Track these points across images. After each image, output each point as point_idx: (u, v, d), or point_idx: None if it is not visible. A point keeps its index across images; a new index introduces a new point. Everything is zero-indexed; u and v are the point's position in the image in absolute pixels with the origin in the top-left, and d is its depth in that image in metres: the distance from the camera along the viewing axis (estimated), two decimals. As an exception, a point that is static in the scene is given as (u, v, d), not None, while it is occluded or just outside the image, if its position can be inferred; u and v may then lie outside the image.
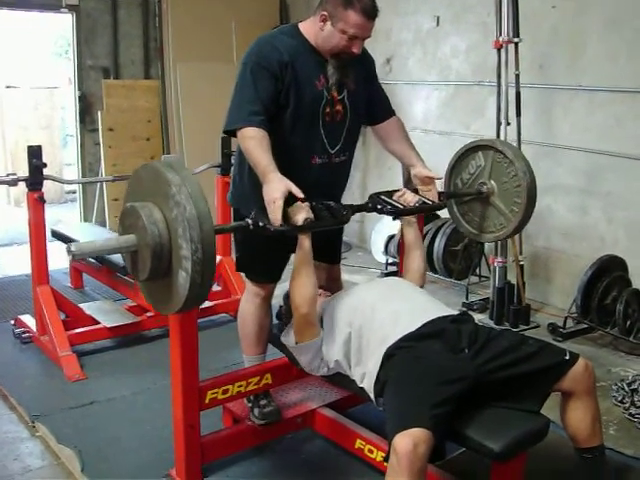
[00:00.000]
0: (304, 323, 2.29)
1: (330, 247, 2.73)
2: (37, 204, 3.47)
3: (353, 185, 5.47)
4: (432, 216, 4.75)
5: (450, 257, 4.68)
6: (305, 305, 2.25)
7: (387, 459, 1.86)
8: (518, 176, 2.64)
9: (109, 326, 3.69)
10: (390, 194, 2.54)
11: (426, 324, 2.17)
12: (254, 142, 2.25)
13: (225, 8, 6.03)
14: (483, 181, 2.76)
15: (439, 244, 4.65)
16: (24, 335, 3.75)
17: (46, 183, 3.50)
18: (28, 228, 3.56)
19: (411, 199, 2.50)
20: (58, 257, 4.47)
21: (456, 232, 4.45)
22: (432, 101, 5.25)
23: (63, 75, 8.69)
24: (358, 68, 2.47)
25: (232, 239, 2.77)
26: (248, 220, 2.13)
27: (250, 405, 2.67)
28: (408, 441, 1.79)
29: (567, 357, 2.11)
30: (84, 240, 4.17)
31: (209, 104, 5.58)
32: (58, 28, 8.45)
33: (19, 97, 7.90)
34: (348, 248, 5.61)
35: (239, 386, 2.52)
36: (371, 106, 2.59)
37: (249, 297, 2.64)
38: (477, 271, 4.66)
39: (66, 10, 5.59)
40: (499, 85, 3.98)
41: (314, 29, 2.37)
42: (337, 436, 2.66)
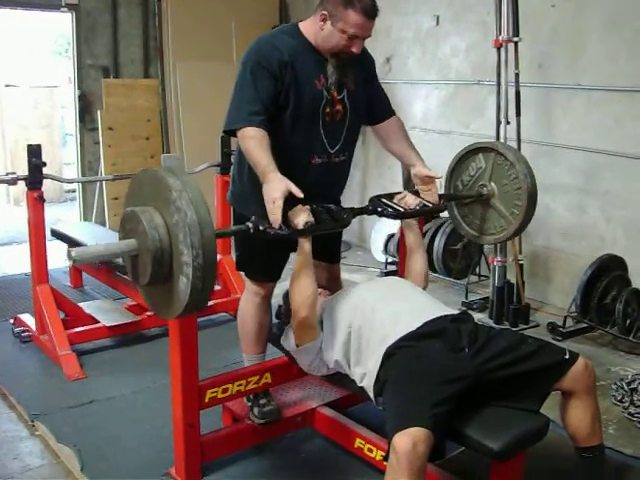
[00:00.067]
0: (304, 326, 2.28)
1: (330, 246, 2.73)
2: (37, 203, 3.46)
3: (353, 184, 5.45)
4: (432, 215, 4.75)
5: (450, 256, 4.68)
6: (305, 308, 2.24)
7: (387, 458, 1.86)
8: (519, 179, 2.64)
9: (109, 325, 3.69)
10: (391, 197, 2.53)
11: (426, 323, 2.17)
12: (254, 142, 2.24)
13: (225, 7, 6.03)
14: (483, 183, 2.75)
15: (439, 243, 4.65)
16: (24, 334, 3.75)
17: (46, 182, 3.50)
18: (28, 227, 3.55)
19: (412, 202, 2.49)
20: (58, 256, 4.47)
21: (456, 231, 4.43)
22: (432, 100, 5.25)
23: (63, 74, 8.68)
24: (358, 68, 2.47)
25: (232, 238, 2.76)
26: (249, 224, 2.12)
27: (250, 404, 2.67)
28: (407, 440, 1.80)
29: (567, 356, 2.11)
30: (84, 239, 4.25)
31: (209, 103, 5.57)
32: (58, 27, 8.44)
33: (19, 96, 7.91)
34: (348, 247, 5.61)
35: (239, 385, 2.52)
36: (371, 106, 2.59)
37: (249, 296, 2.64)
38: (477, 270, 4.67)
39: (66, 9, 5.59)
40: (499, 84, 3.98)
41: (314, 28, 2.36)
42: (337, 435, 2.66)
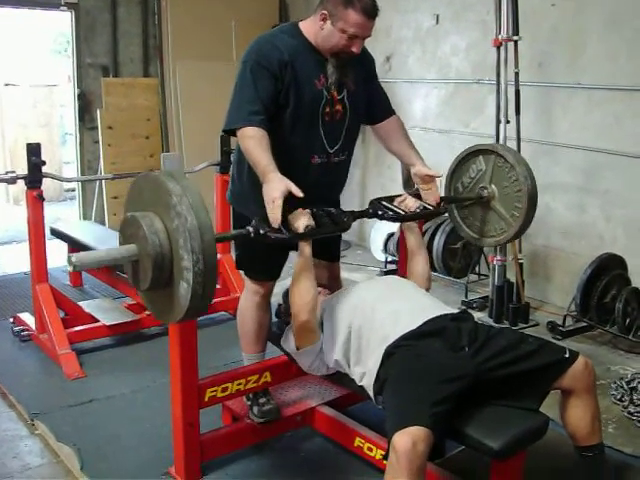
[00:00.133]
0: (304, 330, 2.28)
1: (329, 245, 2.72)
2: (36, 202, 3.46)
3: (352, 183, 5.45)
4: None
5: (449, 255, 4.68)
6: (305, 313, 2.24)
7: (386, 457, 1.86)
8: (519, 181, 2.64)
9: (108, 324, 3.69)
10: (391, 199, 2.53)
11: (426, 322, 2.17)
12: (254, 142, 2.24)
13: (224, 6, 6.02)
14: (484, 185, 2.75)
15: (438, 242, 4.65)
16: (23, 333, 3.75)
17: (45, 181, 3.50)
18: (27, 226, 3.55)
19: (412, 204, 2.49)
20: (57, 255, 4.46)
21: (455, 230, 4.42)
22: (431, 99, 5.24)
23: (62, 73, 8.67)
24: (358, 68, 2.46)
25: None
26: (249, 228, 2.12)
27: (249, 403, 2.67)
28: (407, 439, 1.80)
29: (567, 355, 2.11)
30: (83, 238, 4.26)
31: (208, 102, 5.57)
32: (57, 26, 8.43)
33: (18, 95, 7.90)
34: (347, 246, 5.61)
35: (238, 384, 2.52)
36: (371, 105, 2.58)
37: (248, 295, 2.64)
38: (476, 269, 4.66)
39: (65, 8, 5.58)
40: (498, 83, 3.97)
41: (314, 28, 2.36)
42: (336, 434, 2.66)
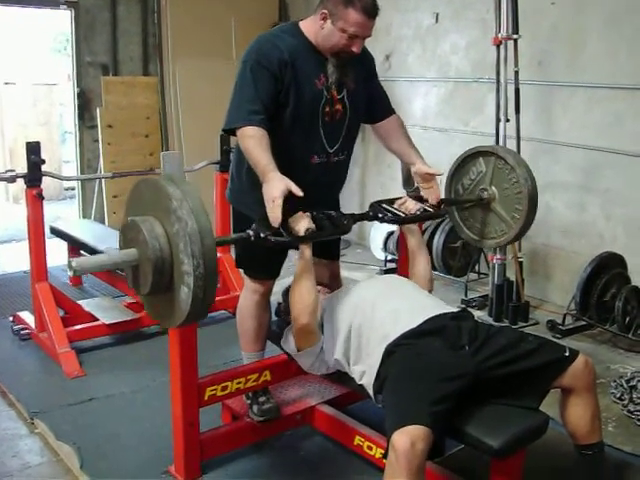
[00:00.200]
0: (305, 332, 2.28)
1: (329, 244, 2.71)
2: (36, 201, 3.46)
3: (352, 182, 5.45)
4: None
5: (449, 254, 4.68)
6: (305, 315, 2.24)
7: (386, 456, 1.86)
8: (519, 183, 2.63)
9: (108, 323, 3.69)
10: (391, 202, 2.54)
11: (426, 321, 2.17)
12: (254, 141, 2.23)
13: (224, 5, 6.01)
14: (484, 187, 2.75)
15: (438, 241, 4.65)
16: (23, 332, 3.75)
17: (45, 180, 3.50)
18: (27, 225, 3.55)
19: (412, 207, 2.49)
20: (57, 254, 4.46)
21: (455, 229, 4.44)
22: (431, 98, 5.24)
23: (62, 72, 8.66)
24: (358, 67, 2.46)
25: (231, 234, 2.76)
26: (249, 232, 2.12)
27: (249, 402, 2.67)
28: (406, 439, 1.79)
29: (567, 354, 2.11)
30: (83, 237, 4.26)
31: (208, 101, 5.56)
32: (57, 24, 8.42)
33: (18, 94, 7.90)
34: (347, 245, 5.61)
35: (238, 383, 2.52)
36: (371, 105, 2.58)
37: (248, 294, 2.63)
38: (476, 268, 4.66)
39: (65, 6, 5.57)
40: (498, 82, 3.97)
41: (314, 27, 2.35)
42: (336, 433, 2.66)
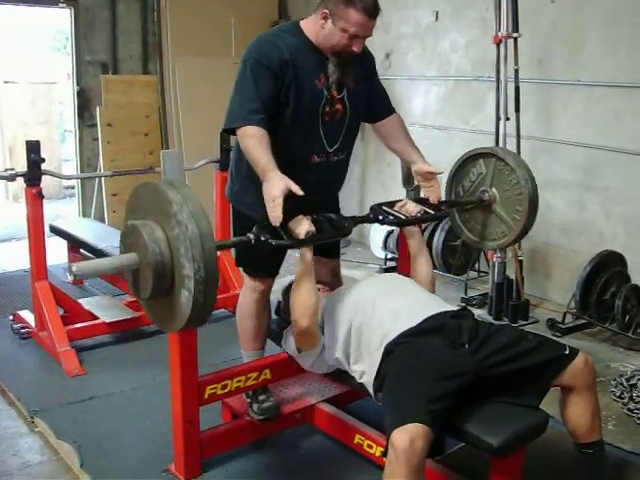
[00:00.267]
0: (305, 335, 2.29)
1: (329, 242, 2.72)
2: (35, 199, 3.45)
3: (352, 180, 5.44)
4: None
5: (449, 252, 4.68)
6: (306, 319, 2.24)
7: (385, 454, 1.86)
8: (520, 184, 2.63)
9: (108, 321, 3.69)
10: (391, 204, 2.54)
11: (426, 319, 2.17)
12: (254, 141, 2.23)
13: (224, 3, 6.01)
14: (484, 189, 2.75)
15: (438, 239, 4.64)
16: (23, 330, 3.75)
17: (44, 178, 3.49)
18: (27, 223, 3.54)
19: (413, 209, 2.49)
20: (57, 252, 4.46)
21: (455, 228, 4.45)
22: (431, 96, 5.24)
23: (61, 70, 8.66)
24: (358, 66, 2.45)
25: (231, 233, 2.76)
26: (250, 235, 2.12)
27: (249, 400, 2.67)
28: (405, 437, 1.79)
29: (567, 352, 2.11)
30: (83, 236, 4.25)
31: (208, 99, 5.56)
32: (56, 23, 8.42)
33: (17, 92, 7.89)
34: (347, 243, 5.60)
35: (238, 381, 2.52)
36: (371, 104, 2.57)
37: (247, 292, 2.63)
38: (476, 266, 4.66)
39: (64, 5, 5.57)
40: (498, 80, 3.97)
41: (315, 27, 2.35)
42: (336, 431, 2.66)
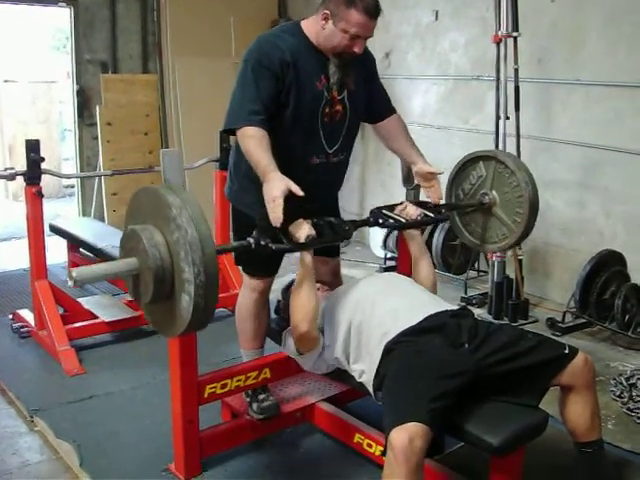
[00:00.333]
0: (305, 339, 2.28)
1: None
2: (35, 198, 3.45)
3: (352, 179, 5.45)
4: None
5: (449, 252, 4.68)
6: (306, 322, 2.24)
7: (385, 453, 1.86)
8: (520, 186, 2.63)
9: (108, 320, 3.69)
10: (391, 208, 2.54)
11: (426, 319, 2.17)
12: (254, 141, 2.23)
13: (223, 3, 6.00)
14: (485, 192, 2.74)
15: (438, 239, 4.64)
16: (22, 329, 3.75)
17: (44, 177, 3.49)
18: (26, 223, 3.54)
19: (413, 212, 2.49)
20: (56, 251, 4.46)
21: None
22: (431, 95, 5.24)
23: (61, 69, 8.65)
24: (359, 67, 2.45)
25: (230, 233, 2.76)
26: (250, 239, 2.12)
27: (249, 399, 2.67)
28: (404, 436, 1.79)
29: (566, 351, 2.11)
30: (82, 235, 4.25)
31: (207, 99, 5.57)
32: (56, 22, 8.41)
33: (17, 91, 7.89)
34: (347, 243, 5.56)
35: (238, 380, 2.52)
36: (371, 104, 2.57)
37: (246, 291, 2.63)
38: (476, 266, 4.66)
39: (64, 4, 5.57)
40: (498, 79, 3.97)
41: (316, 28, 2.34)
42: (336, 430, 2.66)
